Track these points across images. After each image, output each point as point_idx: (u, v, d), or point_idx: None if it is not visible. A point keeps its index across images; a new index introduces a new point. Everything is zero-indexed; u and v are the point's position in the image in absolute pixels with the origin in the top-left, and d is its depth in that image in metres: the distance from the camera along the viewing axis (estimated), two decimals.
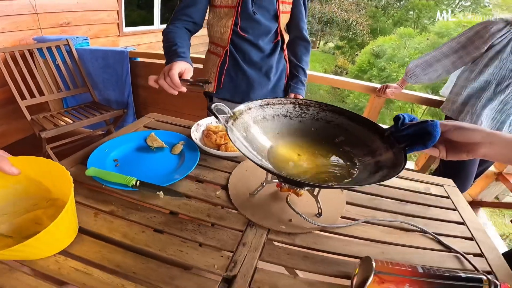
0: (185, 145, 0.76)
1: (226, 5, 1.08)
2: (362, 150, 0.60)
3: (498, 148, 0.51)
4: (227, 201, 0.62)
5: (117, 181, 0.58)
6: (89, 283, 0.42)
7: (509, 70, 1.34)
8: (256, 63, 1.16)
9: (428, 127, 0.50)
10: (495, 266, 0.57)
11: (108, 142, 0.73)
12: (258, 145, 0.60)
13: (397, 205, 0.71)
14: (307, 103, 0.67)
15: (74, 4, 3.00)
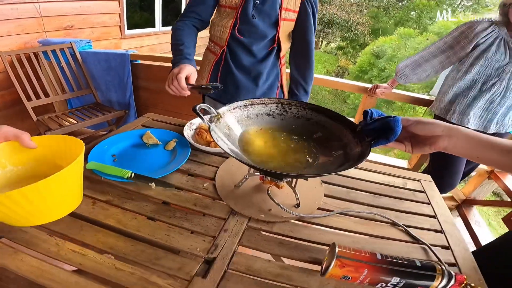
0: (178, 142, 0.82)
1: (230, 6, 1.10)
2: (336, 144, 0.65)
3: (457, 141, 0.55)
4: (213, 192, 0.68)
5: (114, 174, 0.65)
6: (85, 263, 0.48)
7: (494, 69, 1.38)
8: (245, 67, 1.17)
9: (390, 122, 0.55)
10: (460, 259, 0.60)
11: (107, 139, 0.79)
12: (239, 142, 0.65)
13: (373, 198, 0.76)
14: (289, 102, 0.73)
15: (77, 7, 3.08)
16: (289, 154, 0.66)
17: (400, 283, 0.48)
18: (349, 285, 0.51)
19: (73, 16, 3.04)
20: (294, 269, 0.53)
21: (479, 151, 0.55)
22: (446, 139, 0.55)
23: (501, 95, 1.40)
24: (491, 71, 1.39)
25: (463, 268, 0.58)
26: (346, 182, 0.81)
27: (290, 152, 0.66)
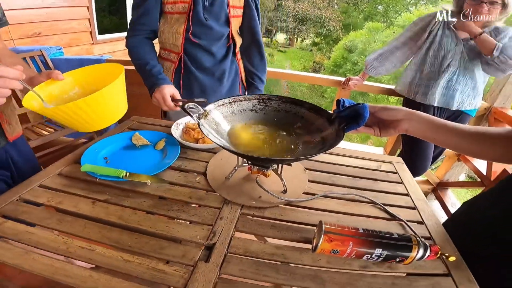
0: (167, 142, 0.86)
1: (177, 11, 1.09)
2: (314, 132, 0.72)
3: (416, 124, 0.63)
4: (206, 185, 0.72)
5: (109, 174, 0.67)
6: (94, 257, 0.51)
7: (446, 51, 1.55)
8: (208, 69, 1.19)
9: (359, 109, 0.62)
10: (434, 232, 0.66)
11: (97, 143, 0.81)
12: (227, 137, 0.70)
13: (352, 180, 0.83)
14: (270, 97, 0.78)
15: (43, 14, 2.98)
16: (273, 144, 0.71)
17: (383, 254, 0.54)
18: (339, 259, 0.56)
19: (39, 23, 2.94)
20: (288, 249, 0.58)
21: (434, 133, 0.63)
22: (407, 122, 0.63)
23: (457, 74, 1.57)
24: (444, 53, 1.56)
25: (437, 240, 0.64)
26: (327, 168, 0.88)
27: (274, 142, 0.72)
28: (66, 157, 0.78)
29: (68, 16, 3.32)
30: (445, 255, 0.56)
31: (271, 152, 0.68)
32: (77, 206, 0.62)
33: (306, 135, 0.73)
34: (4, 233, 0.55)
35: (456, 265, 0.57)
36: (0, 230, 0.55)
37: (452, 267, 0.57)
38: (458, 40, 1.53)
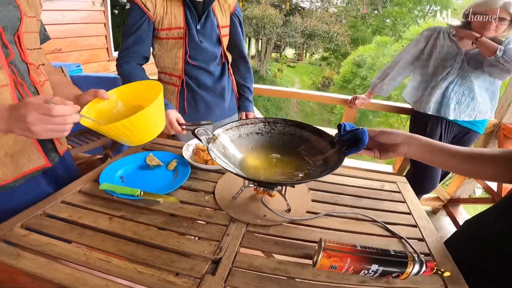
0: (178, 162, 0.91)
1: (173, 37, 1.15)
2: (317, 155, 0.76)
3: (415, 147, 0.67)
4: (214, 204, 0.77)
5: (125, 192, 0.73)
6: (111, 268, 0.56)
7: (446, 60, 1.59)
8: (209, 87, 1.27)
9: (359, 133, 0.67)
10: (434, 248, 0.68)
11: (114, 163, 0.88)
12: (234, 159, 0.75)
13: (355, 200, 0.86)
14: (275, 120, 0.84)
15: (64, 30, 3.09)
16: (277, 166, 0.76)
17: (379, 270, 0.57)
18: (338, 274, 0.59)
19: (60, 39, 3.06)
20: (290, 264, 0.61)
21: (432, 156, 0.67)
22: (406, 146, 0.67)
23: (454, 83, 1.60)
24: (443, 62, 1.61)
25: (436, 257, 0.66)
26: (331, 188, 0.91)
27: (279, 165, 0.76)
28: (86, 175, 0.84)
29: (87, 33, 3.44)
30: (441, 270, 0.58)
31: (276, 175, 0.73)
32: (96, 221, 0.68)
33: (309, 158, 0.77)
34: (29, 244, 0.60)
35: (453, 280, 0.60)
36: (25, 242, 0.61)
37: (450, 282, 0.59)
38: (459, 49, 1.57)
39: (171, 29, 1.14)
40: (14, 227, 0.65)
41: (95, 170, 0.87)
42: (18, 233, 0.63)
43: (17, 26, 0.74)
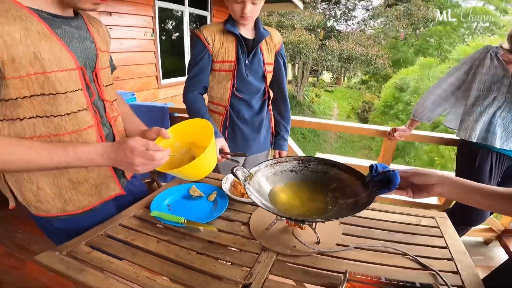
0: (218, 194, 1.01)
1: (224, 69, 1.27)
2: (348, 193, 0.80)
3: (449, 188, 0.68)
4: (248, 233, 0.84)
5: (171, 220, 0.84)
6: (156, 286, 0.65)
7: (493, 83, 1.48)
8: (248, 121, 1.36)
9: (390, 176, 0.70)
10: (468, 281, 0.67)
11: (163, 193, 1.00)
12: (268, 194, 0.83)
13: (387, 234, 0.86)
14: (309, 159, 0.90)
15: (122, 58, 3.32)
16: (309, 203, 0.82)
17: None
18: None
19: (119, 67, 3.39)
20: None
21: (467, 196, 0.67)
22: (440, 187, 0.68)
23: (502, 109, 1.48)
24: (489, 85, 1.49)
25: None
26: (363, 222, 0.92)
27: (311, 201, 0.82)
28: (139, 202, 0.98)
29: (140, 61, 3.62)
30: None
31: (307, 211, 0.78)
32: (146, 243, 0.78)
33: (340, 196, 0.81)
34: (91, 260, 0.71)
35: None
36: (88, 258, 0.72)
37: None
38: (506, 71, 1.45)
39: (224, 62, 1.27)
40: (80, 244, 0.77)
41: (146, 198, 1.00)
42: (83, 250, 0.75)
43: (94, 63, 0.82)
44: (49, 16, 0.73)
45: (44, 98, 0.71)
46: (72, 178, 0.81)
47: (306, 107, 13.00)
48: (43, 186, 0.79)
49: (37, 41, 0.68)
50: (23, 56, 0.66)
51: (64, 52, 0.73)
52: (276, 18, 13.87)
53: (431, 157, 6.29)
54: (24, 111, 0.71)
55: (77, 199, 0.83)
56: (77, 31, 0.79)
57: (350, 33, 15.36)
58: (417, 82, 8.47)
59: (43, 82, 0.70)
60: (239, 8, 1.19)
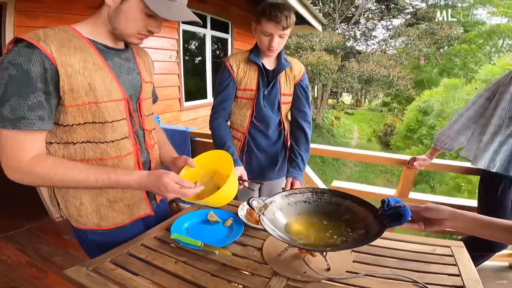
0: (234, 220, 1.06)
1: (246, 97, 1.33)
2: (360, 224, 0.83)
3: (461, 222, 0.71)
4: (260, 258, 0.88)
5: (189, 242, 0.90)
6: None
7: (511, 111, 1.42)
8: (265, 150, 1.39)
9: (401, 211, 0.73)
10: None
11: (182, 217, 1.06)
12: (282, 224, 0.87)
13: (398, 262, 0.86)
14: (323, 190, 0.94)
15: None
16: (322, 233, 0.85)
17: None
18: None
19: None
20: None
21: (479, 230, 0.70)
22: (451, 221, 0.71)
23: None
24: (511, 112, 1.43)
25: None
26: (374, 250, 0.93)
27: (323, 231, 0.86)
28: (160, 224, 1.04)
29: (165, 83, 3.71)
30: None
31: (319, 241, 0.82)
32: (165, 263, 0.84)
33: (352, 227, 0.84)
34: (114, 277, 0.77)
35: None
36: (112, 275, 0.78)
37: None
38: None
39: (246, 90, 1.34)
40: (105, 261, 0.84)
41: (167, 220, 1.07)
42: (108, 267, 0.82)
43: (138, 94, 0.91)
44: (104, 47, 0.83)
45: (95, 125, 0.80)
46: (110, 197, 0.90)
47: (326, 130, 12.77)
48: (85, 202, 0.88)
49: (93, 72, 0.77)
50: (81, 87, 0.76)
51: (114, 83, 0.82)
52: (295, 40, 13.89)
53: (457, 182, 5.98)
54: (77, 136, 0.80)
55: (111, 216, 0.92)
56: (126, 63, 0.88)
57: (370, 54, 15.00)
58: (442, 104, 8.01)
59: (95, 111, 0.79)
60: (267, 40, 1.23)
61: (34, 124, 0.71)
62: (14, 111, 0.69)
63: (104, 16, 0.81)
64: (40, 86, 0.71)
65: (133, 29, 0.81)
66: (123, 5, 0.78)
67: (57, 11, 2.48)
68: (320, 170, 9.12)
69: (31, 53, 0.69)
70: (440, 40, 12.96)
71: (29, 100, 0.70)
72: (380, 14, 17.42)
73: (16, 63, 0.69)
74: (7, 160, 0.72)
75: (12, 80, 0.68)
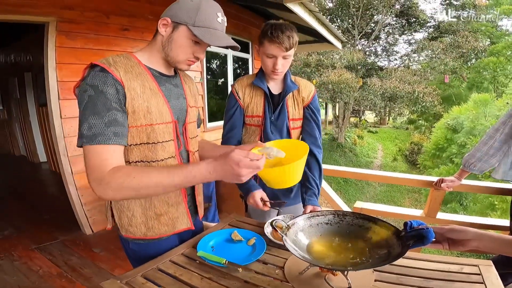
0: (257, 240, 1.09)
1: (254, 124, 1.32)
2: (382, 245, 0.84)
3: (487, 242, 0.72)
4: (282, 277, 0.90)
5: (214, 260, 0.94)
6: None
7: None
8: None
9: (424, 232, 0.75)
10: None
11: (208, 235, 1.11)
12: (304, 244, 0.89)
13: (422, 281, 0.85)
14: (344, 213, 0.96)
15: None
16: (343, 253, 0.87)
17: None
18: None
19: None
20: None
21: (504, 248, 0.71)
22: (476, 241, 0.72)
23: None
24: None
25: None
26: (397, 269, 0.91)
27: (344, 251, 0.87)
28: (187, 242, 1.10)
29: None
30: None
31: (341, 261, 0.84)
32: (191, 279, 0.88)
33: (374, 248, 0.85)
34: None
35: None
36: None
37: None
38: None
39: (253, 117, 1.31)
40: (137, 276, 0.90)
41: (194, 238, 1.12)
42: (139, 281, 0.87)
43: (184, 117, 1.00)
44: (158, 74, 0.94)
45: (148, 146, 0.90)
46: (157, 211, 0.98)
47: (348, 150, 12.38)
48: (136, 214, 0.97)
49: (149, 96, 0.88)
50: (140, 109, 0.86)
51: (165, 107, 0.92)
52: (316, 58, 13.87)
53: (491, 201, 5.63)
54: (133, 156, 0.90)
55: (157, 228, 1.00)
56: (175, 89, 0.99)
57: (393, 70, 14.50)
58: (472, 121, 7.64)
59: (150, 132, 0.89)
60: (271, 62, 1.21)
61: (110, 139, 0.79)
62: (92, 129, 0.78)
63: (158, 45, 0.92)
64: (115, 105, 0.82)
65: (182, 56, 0.92)
66: (174, 34, 0.89)
67: (94, 33, 2.71)
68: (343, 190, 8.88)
69: (105, 76, 0.81)
70: (466, 53, 12.45)
71: (105, 118, 0.79)
72: (401, 28, 17.10)
73: (93, 85, 0.80)
74: (92, 173, 0.79)
75: (90, 101, 0.79)
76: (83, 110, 0.80)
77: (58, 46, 2.47)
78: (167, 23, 0.90)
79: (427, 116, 13.49)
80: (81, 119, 0.80)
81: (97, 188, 0.79)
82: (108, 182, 0.78)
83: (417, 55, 16.07)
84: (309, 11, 4.11)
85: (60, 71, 2.51)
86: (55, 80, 2.48)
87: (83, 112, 0.80)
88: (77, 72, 2.59)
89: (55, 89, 2.50)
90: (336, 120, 13.58)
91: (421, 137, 13.11)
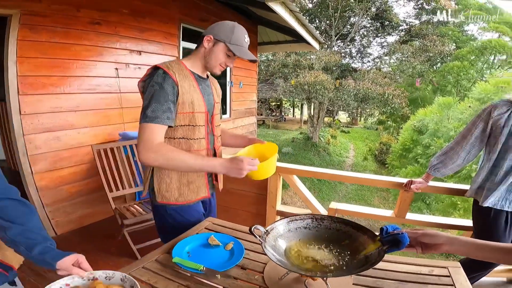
0: (235, 244, 1.07)
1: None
2: (359, 249, 0.86)
3: (457, 247, 0.76)
4: (262, 282, 0.88)
5: (190, 266, 0.90)
6: None
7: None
8: None
9: (399, 237, 0.77)
10: None
11: (184, 240, 1.07)
12: (283, 249, 0.89)
13: (398, 284, 0.88)
14: (322, 217, 0.97)
15: None
16: (322, 257, 0.87)
17: None
18: None
19: None
20: None
21: (475, 252, 0.75)
22: (447, 246, 0.76)
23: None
24: (509, 146, 1.45)
25: None
26: (374, 273, 0.93)
27: (322, 256, 0.87)
28: (161, 247, 1.05)
29: None
30: None
31: (319, 266, 0.84)
32: (167, 287, 0.84)
33: (351, 252, 0.87)
34: None
35: None
36: None
37: None
38: None
39: None
40: None
41: (169, 243, 1.08)
42: None
43: (212, 110, 1.28)
44: (198, 77, 1.23)
45: (189, 127, 1.19)
46: (189, 179, 1.23)
47: (322, 149, 12.58)
48: (173, 181, 1.21)
49: (193, 92, 1.17)
50: (187, 101, 1.15)
51: (201, 101, 1.21)
52: (294, 58, 13.95)
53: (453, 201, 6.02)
54: (178, 133, 1.18)
55: (187, 194, 1.23)
56: (208, 88, 1.28)
57: (366, 71, 14.83)
58: (436, 123, 8.04)
59: (191, 118, 1.18)
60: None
61: (163, 121, 1.09)
62: (154, 112, 1.07)
63: (201, 54, 1.23)
64: (171, 98, 1.10)
65: (218, 64, 1.23)
66: (214, 48, 1.20)
67: (62, 26, 2.57)
68: (316, 189, 9.09)
69: (166, 77, 1.10)
70: (433, 57, 12.98)
71: (163, 106, 1.08)
72: (375, 31, 17.51)
73: (158, 83, 1.09)
74: (144, 143, 1.07)
75: (156, 94, 1.08)
76: (150, 98, 1.08)
77: (20, 39, 2.31)
78: (210, 39, 1.20)
79: (395, 118, 14.03)
80: (147, 104, 1.08)
81: (145, 154, 1.07)
82: (154, 151, 1.06)
83: (389, 57, 16.59)
84: (289, 11, 4.13)
85: (21, 65, 2.34)
86: (15, 74, 2.31)
87: (150, 100, 1.08)
88: (40, 66, 2.43)
89: (15, 84, 2.32)
90: (311, 120, 13.73)
91: (390, 138, 13.61)
